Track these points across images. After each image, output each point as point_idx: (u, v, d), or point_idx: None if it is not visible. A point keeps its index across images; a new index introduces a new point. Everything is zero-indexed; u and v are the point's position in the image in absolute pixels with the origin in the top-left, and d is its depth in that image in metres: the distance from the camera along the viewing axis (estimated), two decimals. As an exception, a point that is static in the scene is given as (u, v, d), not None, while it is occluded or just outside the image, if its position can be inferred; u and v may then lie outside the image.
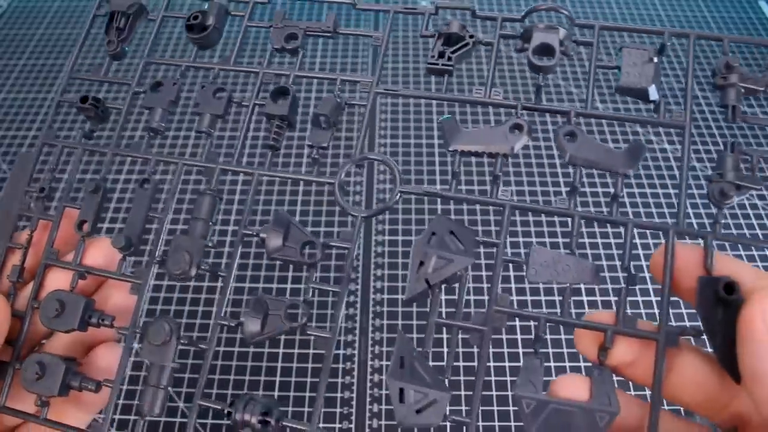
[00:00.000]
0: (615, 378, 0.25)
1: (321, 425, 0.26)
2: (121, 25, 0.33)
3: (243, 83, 0.74)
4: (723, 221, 0.26)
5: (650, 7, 0.99)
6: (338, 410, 0.54)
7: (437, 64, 0.30)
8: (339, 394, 0.55)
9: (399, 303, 0.60)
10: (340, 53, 0.88)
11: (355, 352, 0.58)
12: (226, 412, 0.26)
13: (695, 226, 0.64)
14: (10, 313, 0.28)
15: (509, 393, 0.54)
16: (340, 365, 0.57)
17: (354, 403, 0.55)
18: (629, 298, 0.24)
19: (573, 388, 0.25)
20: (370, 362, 0.58)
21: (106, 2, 0.34)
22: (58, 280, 0.29)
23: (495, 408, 0.54)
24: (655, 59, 0.28)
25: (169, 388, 0.27)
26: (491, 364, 0.57)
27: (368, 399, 0.55)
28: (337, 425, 0.53)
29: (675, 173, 0.72)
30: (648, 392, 0.24)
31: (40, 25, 0.97)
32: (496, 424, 0.54)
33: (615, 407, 0.24)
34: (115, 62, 0.33)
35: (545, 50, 0.29)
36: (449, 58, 0.30)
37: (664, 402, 0.43)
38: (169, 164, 0.30)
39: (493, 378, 0.57)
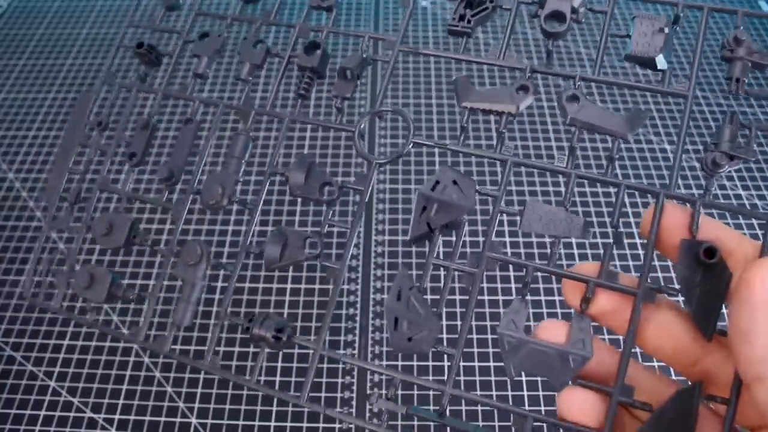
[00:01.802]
0: (593, 327, 0.27)
1: (326, 344, 0.28)
2: (182, -19, 0.35)
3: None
4: (716, 191, 0.27)
5: (650, 7, 0.95)
6: (338, 410, 0.51)
7: (457, 26, 0.31)
8: (339, 394, 0.55)
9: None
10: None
11: (355, 352, 0.58)
12: (245, 327, 0.28)
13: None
14: None
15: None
16: (341, 365, 0.56)
17: (354, 402, 0.55)
18: (619, 253, 0.25)
19: (552, 331, 0.26)
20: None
21: None
22: None
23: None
24: (666, 29, 0.29)
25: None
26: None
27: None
28: (337, 425, 0.53)
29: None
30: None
31: (40, 25, 0.96)
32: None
33: (588, 352, 0.25)
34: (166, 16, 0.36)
35: (557, 16, 0.29)
36: (469, 21, 0.31)
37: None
38: (210, 106, 0.33)
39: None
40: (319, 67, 0.32)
